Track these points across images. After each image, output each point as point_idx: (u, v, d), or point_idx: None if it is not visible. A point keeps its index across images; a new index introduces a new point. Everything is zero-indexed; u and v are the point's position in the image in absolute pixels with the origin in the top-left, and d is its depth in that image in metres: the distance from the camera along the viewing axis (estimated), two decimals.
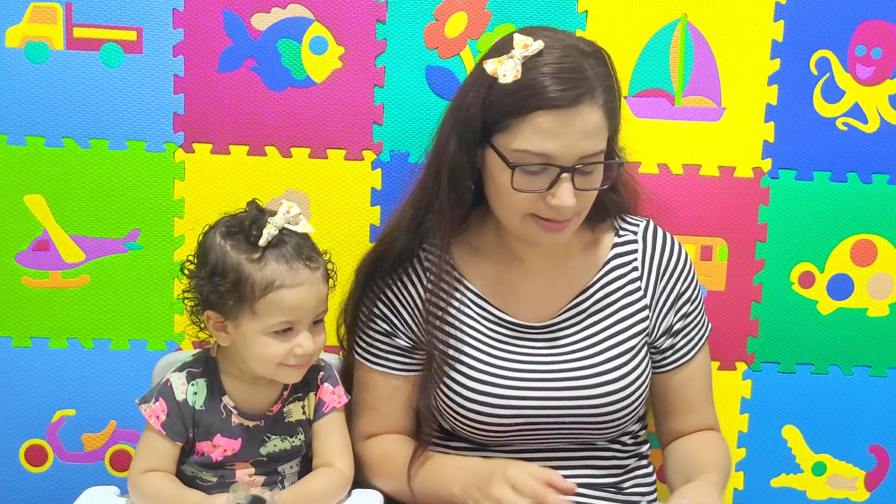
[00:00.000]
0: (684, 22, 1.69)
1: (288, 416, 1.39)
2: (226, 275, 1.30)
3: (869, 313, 1.77)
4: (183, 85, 1.66)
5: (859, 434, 1.80)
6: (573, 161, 1.29)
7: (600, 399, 1.40)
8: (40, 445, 1.73)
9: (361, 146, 1.69)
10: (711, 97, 1.71)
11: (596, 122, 1.29)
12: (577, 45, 1.33)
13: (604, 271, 1.47)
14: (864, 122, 1.73)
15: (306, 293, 1.30)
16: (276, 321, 1.30)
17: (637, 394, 1.43)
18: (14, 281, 1.69)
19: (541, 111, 1.27)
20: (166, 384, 1.37)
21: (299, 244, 1.32)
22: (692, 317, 1.51)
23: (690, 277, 1.51)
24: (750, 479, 1.80)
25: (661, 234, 1.52)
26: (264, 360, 1.32)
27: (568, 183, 1.29)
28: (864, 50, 1.71)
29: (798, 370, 1.77)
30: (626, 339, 1.44)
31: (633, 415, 1.44)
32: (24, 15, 1.63)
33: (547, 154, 1.29)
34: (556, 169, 1.29)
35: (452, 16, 1.67)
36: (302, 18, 1.66)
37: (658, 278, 1.48)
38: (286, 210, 1.32)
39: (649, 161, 1.72)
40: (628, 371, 1.42)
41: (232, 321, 1.32)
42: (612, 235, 1.50)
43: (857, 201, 1.74)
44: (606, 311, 1.45)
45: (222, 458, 1.36)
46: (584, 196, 1.33)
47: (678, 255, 1.51)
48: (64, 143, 1.67)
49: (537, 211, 1.33)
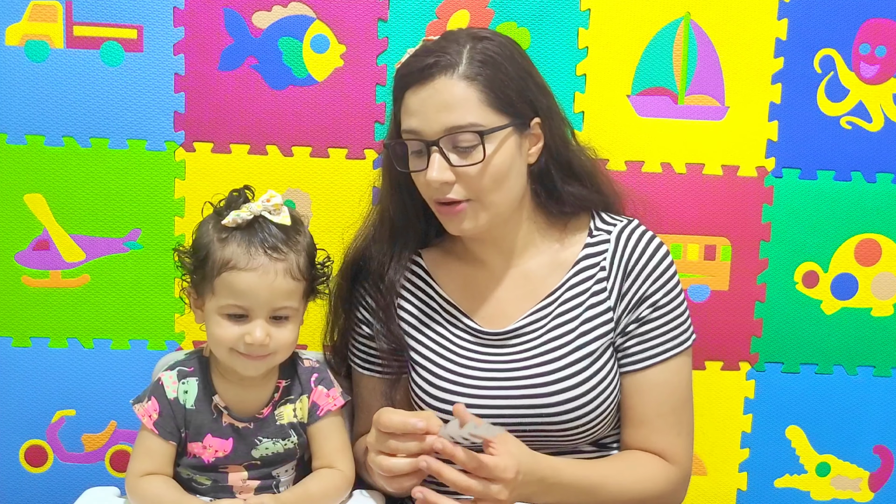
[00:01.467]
0: (688, 20, 1.69)
1: (279, 419, 1.38)
2: (198, 250, 1.33)
3: (873, 313, 1.77)
4: (184, 83, 1.66)
5: (863, 434, 1.79)
6: (437, 135, 1.30)
7: (557, 406, 1.36)
8: (40, 446, 1.73)
9: (363, 145, 1.69)
10: (715, 96, 1.71)
11: (456, 95, 1.29)
12: (462, 33, 1.35)
13: (571, 272, 1.43)
14: (869, 120, 1.72)
15: (258, 280, 1.28)
16: (226, 303, 1.30)
17: (601, 398, 1.37)
18: (14, 280, 1.69)
19: (406, 91, 1.33)
20: (158, 383, 1.37)
21: (271, 233, 1.31)
22: (655, 324, 1.41)
23: (661, 283, 1.41)
24: (753, 480, 1.79)
25: (640, 234, 1.43)
26: (215, 340, 1.32)
27: (436, 156, 1.30)
28: (868, 48, 1.71)
29: (802, 370, 1.77)
30: (589, 342, 1.39)
31: (599, 419, 1.39)
32: (24, 13, 1.63)
33: (413, 130, 1.32)
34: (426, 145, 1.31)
35: (454, 14, 1.67)
36: (303, 17, 1.66)
37: (624, 277, 1.41)
38: (267, 198, 1.33)
39: (652, 160, 1.71)
40: (589, 376, 1.37)
41: (202, 298, 1.34)
42: (585, 236, 1.45)
43: (861, 200, 1.74)
44: (571, 313, 1.41)
45: (214, 459, 1.35)
46: (464, 175, 1.31)
47: (651, 256, 1.41)
48: (64, 142, 1.67)
49: (432, 194, 1.35)
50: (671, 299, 1.42)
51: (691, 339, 1.45)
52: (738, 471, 1.79)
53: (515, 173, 1.36)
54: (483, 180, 1.32)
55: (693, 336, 1.45)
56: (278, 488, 1.39)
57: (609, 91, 1.70)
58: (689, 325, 1.45)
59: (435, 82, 1.30)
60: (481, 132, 1.29)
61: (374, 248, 1.46)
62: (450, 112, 1.29)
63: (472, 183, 1.32)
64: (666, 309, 1.41)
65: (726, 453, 1.78)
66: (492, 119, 1.31)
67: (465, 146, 1.30)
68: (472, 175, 1.31)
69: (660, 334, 1.42)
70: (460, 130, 1.29)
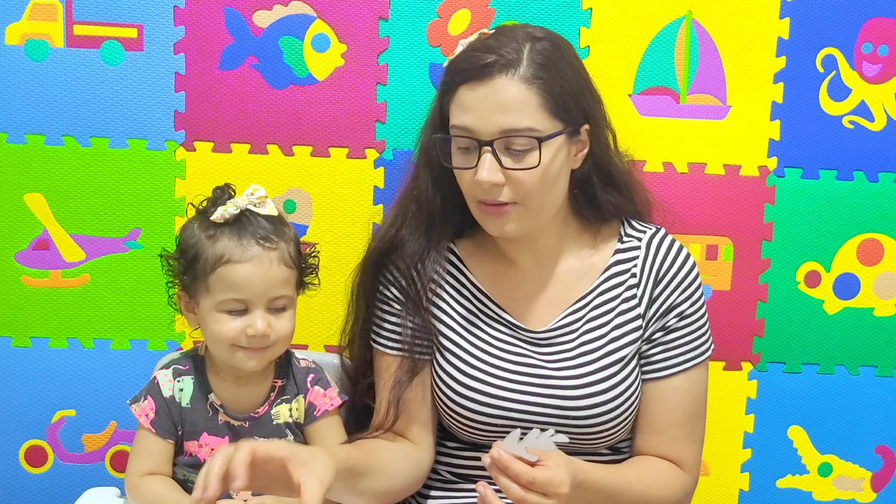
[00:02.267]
0: (689, 19, 1.68)
1: (276, 418, 1.38)
2: (186, 251, 1.33)
3: (875, 313, 1.76)
4: (184, 83, 1.66)
5: (866, 434, 1.79)
6: (492, 135, 1.28)
7: (585, 410, 1.37)
8: (40, 446, 1.73)
9: (364, 144, 1.69)
10: (717, 95, 1.70)
11: (513, 96, 1.27)
12: (519, 30, 1.33)
13: (603, 278, 1.43)
14: (871, 120, 1.72)
15: (255, 270, 1.30)
16: (225, 297, 1.30)
17: (626, 405, 1.38)
18: (14, 280, 1.69)
19: (461, 86, 1.30)
20: (153, 382, 1.37)
21: (260, 224, 1.33)
22: (680, 332, 1.42)
23: (689, 293, 1.42)
24: (755, 481, 1.79)
25: (669, 243, 1.44)
26: (217, 338, 1.32)
27: (487, 156, 1.28)
28: (870, 47, 1.70)
29: (804, 370, 1.77)
30: (619, 348, 1.40)
31: (622, 424, 1.39)
32: (24, 12, 1.63)
33: (466, 127, 1.30)
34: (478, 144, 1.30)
35: (456, 13, 1.66)
36: (304, 16, 1.65)
37: (654, 285, 1.42)
38: (251, 192, 1.34)
39: (654, 160, 1.71)
40: (616, 382, 1.38)
41: (195, 300, 1.34)
42: (616, 242, 1.45)
43: (863, 200, 1.74)
44: (603, 318, 1.41)
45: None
46: (515, 178, 1.30)
47: (681, 266, 1.42)
48: (64, 142, 1.66)
49: (478, 194, 1.33)
50: (696, 309, 1.43)
51: (711, 349, 1.45)
52: (740, 471, 1.79)
53: (562, 179, 1.35)
54: (535, 185, 1.31)
55: (712, 347, 1.46)
56: None
57: (610, 90, 1.67)
58: (710, 337, 1.45)
59: (494, 81, 1.28)
60: (539, 138, 1.28)
61: (409, 237, 1.43)
62: (508, 114, 1.28)
63: (523, 187, 1.31)
64: (691, 319, 1.42)
65: (728, 454, 1.78)
66: (548, 124, 1.29)
67: (518, 149, 1.29)
68: (524, 179, 1.30)
69: (683, 343, 1.42)
70: (518, 134, 1.28)
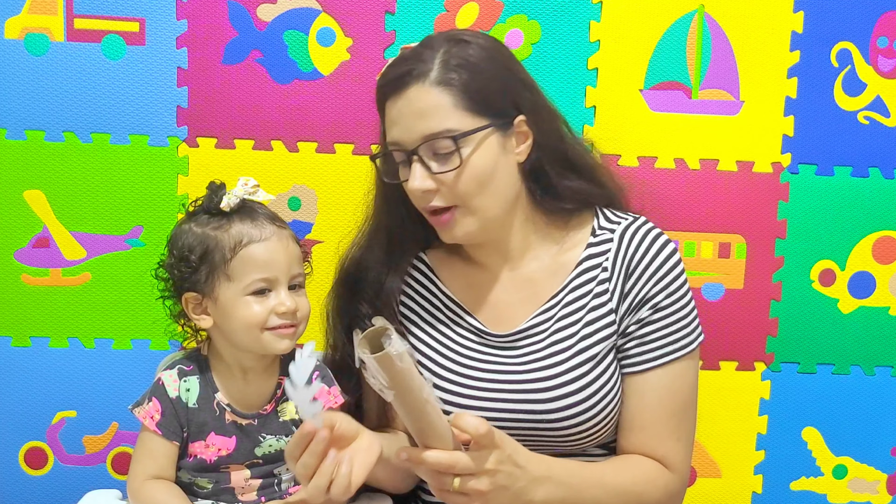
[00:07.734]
0: (702, 13, 1.68)
1: (282, 415, 1.38)
2: (193, 249, 1.33)
3: (891, 312, 1.76)
4: (187, 77, 1.65)
5: (881, 436, 1.78)
6: (415, 143, 1.30)
7: (559, 412, 1.34)
8: (40, 448, 1.73)
9: (370, 140, 1.68)
10: (729, 90, 1.70)
11: (428, 102, 1.28)
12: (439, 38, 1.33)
13: (574, 274, 1.40)
14: (887, 115, 1.71)
15: (276, 246, 1.33)
16: (251, 279, 1.31)
17: (603, 403, 1.35)
18: (13, 279, 1.68)
19: (385, 103, 1.33)
20: (158, 383, 1.37)
21: (264, 208, 1.37)
22: (656, 326, 1.36)
23: (663, 284, 1.36)
24: (769, 483, 1.78)
25: (645, 232, 1.39)
26: (248, 324, 1.32)
27: (416, 164, 1.30)
28: (886, 42, 1.70)
29: (818, 370, 1.76)
30: (591, 345, 1.36)
31: (604, 423, 1.36)
32: (23, 5, 1.62)
33: (395, 141, 1.32)
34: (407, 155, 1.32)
35: (463, 7, 1.66)
36: (309, 9, 1.65)
37: (626, 278, 1.37)
38: (244, 182, 1.36)
39: (665, 156, 1.70)
40: (590, 381, 1.35)
41: (209, 297, 1.33)
42: (588, 236, 1.42)
43: (879, 197, 1.73)
44: (573, 316, 1.38)
45: (217, 458, 1.35)
46: (445, 181, 1.30)
47: (655, 256, 1.37)
48: (65, 138, 1.66)
49: (418, 203, 1.35)
50: (674, 301, 1.37)
51: (697, 341, 1.40)
52: (753, 473, 1.78)
53: (502, 174, 1.34)
54: (464, 185, 1.31)
55: (699, 339, 1.40)
56: (280, 486, 1.38)
57: (621, 85, 1.69)
58: (695, 328, 1.40)
59: (409, 91, 1.30)
60: (454, 136, 1.29)
61: (371, 259, 1.45)
62: (425, 119, 1.29)
63: (454, 188, 1.31)
64: (668, 311, 1.37)
65: (741, 455, 1.78)
66: (468, 122, 1.30)
67: (444, 153, 1.30)
68: (452, 180, 1.30)
69: (660, 337, 1.37)
70: (435, 137, 1.29)
